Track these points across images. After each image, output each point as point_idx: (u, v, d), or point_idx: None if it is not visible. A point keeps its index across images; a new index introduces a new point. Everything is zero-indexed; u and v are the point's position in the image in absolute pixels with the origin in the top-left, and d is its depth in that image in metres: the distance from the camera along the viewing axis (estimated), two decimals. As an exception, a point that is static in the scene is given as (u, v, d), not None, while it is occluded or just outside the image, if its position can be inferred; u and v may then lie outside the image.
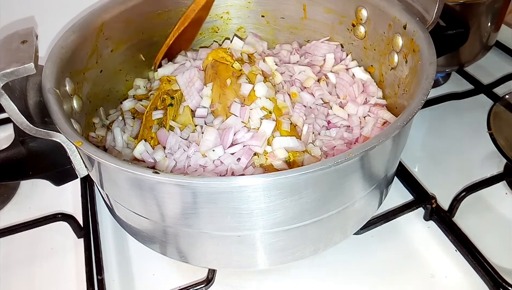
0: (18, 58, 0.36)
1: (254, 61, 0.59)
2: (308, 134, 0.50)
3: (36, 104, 0.41)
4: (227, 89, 0.53)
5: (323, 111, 0.55)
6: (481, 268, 0.49)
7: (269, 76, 0.56)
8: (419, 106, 0.40)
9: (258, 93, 0.52)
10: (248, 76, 0.54)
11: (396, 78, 0.53)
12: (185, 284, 0.50)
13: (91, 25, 0.53)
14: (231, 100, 0.51)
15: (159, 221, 0.42)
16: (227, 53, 0.56)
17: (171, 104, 0.53)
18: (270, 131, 0.48)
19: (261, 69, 0.56)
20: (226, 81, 0.53)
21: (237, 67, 0.55)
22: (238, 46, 0.61)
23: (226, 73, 0.54)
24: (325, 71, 0.60)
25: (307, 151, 0.49)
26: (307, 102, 0.55)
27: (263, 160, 0.47)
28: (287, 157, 0.47)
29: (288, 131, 0.49)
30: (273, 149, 0.47)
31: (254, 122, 0.49)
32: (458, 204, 0.55)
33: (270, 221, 0.40)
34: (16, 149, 0.41)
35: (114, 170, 0.39)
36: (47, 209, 0.59)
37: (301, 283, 0.51)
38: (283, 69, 0.59)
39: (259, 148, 0.47)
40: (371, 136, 0.50)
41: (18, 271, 0.54)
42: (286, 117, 0.51)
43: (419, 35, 0.47)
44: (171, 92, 0.54)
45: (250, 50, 0.61)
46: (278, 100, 0.52)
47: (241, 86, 0.52)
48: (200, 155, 0.47)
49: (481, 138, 0.63)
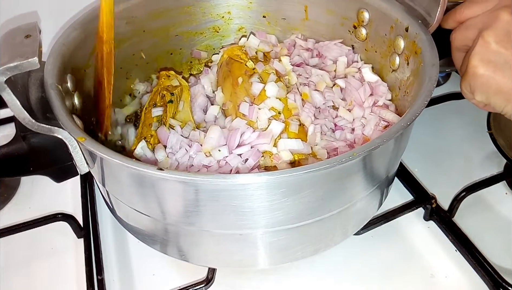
0: (21, 53, 0.36)
1: (269, 60, 0.58)
2: (314, 135, 0.50)
3: (37, 99, 0.41)
4: (238, 87, 0.52)
5: (332, 114, 0.55)
6: (481, 268, 0.49)
7: (283, 76, 0.56)
8: (422, 107, 0.40)
9: (269, 92, 0.51)
10: (261, 75, 0.54)
11: (398, 80, 0.54)
12: (185, 284, 0.49)
13: (93, 22, 0.52)
14: (241, 99, 0.51)
15: (160, 218, 0.42)
16: (242, 51, 0.56)
17: (171, 100, 0.52)
18: (278, 132, 0.48)
19: (275, 69, 0.56)
20: (238, 80, 0.53)
21: (251, 66, 0.55)
22: (254, 44, 0.61)
23: (239, 71, 0.54)
24: (337, 75, 0.59)
25: (313, 154, 0.49)
26: (316, 102, 0.54)
27: (268, 162, 0.47)
28: (292, 160, 0.47)
29: (296, 133, 0.49)
30: (278, 151, 0.47)
31: (262, 122, 0.49)
32: (458, 204, 0.55)
33: (272, 219, 0.40)
34: (18, 145, 0.41)
35: (117, 166, 0.39)
36: (47, 209, 0.59)
37: (301, 283, 0.51)
38: (300, 70, 0.58)
39: (267, 145, 0.47)
40: (372, 136, 0.50)
41: (18, 271, 0.53)
42: (295, 118, 0.51)
43: (421, 37, 0.48)
44: (170, 88, 0.54)
45: (266, 48, 0.60)
46: (289, 100, 0.52)
47: (252, 85, 0.52)
48: (203, 155, 0.47)
49: (481, 138, 0.63)
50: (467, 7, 0.43)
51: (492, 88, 0.40)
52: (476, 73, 0.41)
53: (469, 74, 0.41)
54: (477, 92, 0.42)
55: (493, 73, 0.40)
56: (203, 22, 0.65)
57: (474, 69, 0.41)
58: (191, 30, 0.65)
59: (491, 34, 0.39)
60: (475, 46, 0.40)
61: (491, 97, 0.41)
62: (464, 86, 0.43)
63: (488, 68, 0.40)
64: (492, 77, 0.40)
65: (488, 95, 0.41)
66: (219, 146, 0.47)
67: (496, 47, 0.39)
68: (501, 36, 0.39)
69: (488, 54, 0.40)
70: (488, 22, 0.40)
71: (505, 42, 0.39)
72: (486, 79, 0.40)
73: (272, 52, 0.61)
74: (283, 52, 0.62)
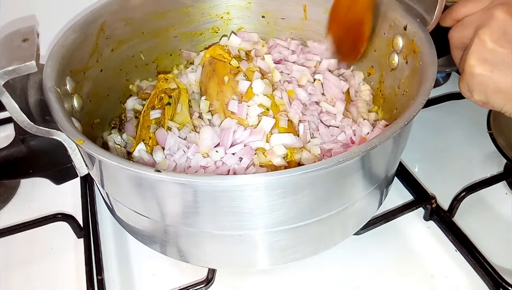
0: (19, 56, 0.36)
1: (251, 58, 0.59)
2: (305, 133, 0.50)
3: (36, 102, 0.41)
4: (224, 86, 0.53)
5: (317, 109, 0.55)
6: (481, 268, 0.49)
7: (266, 74, 0.57)
8: (420, 106, 0.40)
9: (256, 90, 0.52)
10: (245, 73, 0.54)
11: (397, 79, 0.54)
12: (185, 284, 0.50)
13: (92, 24, 0.53)
14: (228, 98, 0.51)
15: (160, 220, 0.42)
16: (224, 50, 0.56)
17: (169, 103, 0.52)
18: (269, 127, 0.48)
19: (259, 67, 0.56)
20: (224, 78, 0.53)
21: (235, 64, 0.55)
22: (235, 43, 0.61)
23: (224, 70, 0.54)
24: (317, 70, 0.60)
25: (305, 148, 0.49)
26: (301, 99, 0.55)
27: (262, 158, 0.47)
28: (285, 154, 0.47)
29: (286, 128, 0.50)
30: (271, 146, 0.48)
31: (252, 119, 0.50)
32: (458, 204, 0.55)
33: (271, 220, 0.40)
34: (17, 148, 0.41)
35: (115, 168, 0.39)
36: (47, 209, 0.59)
37: (301, 283, 0.51)
38: (281, 67, 0.59)
39: (260, 142, 0.47)
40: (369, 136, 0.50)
41: (18, 271, 0.53)
42: (283, 114, 0.51)
43: (419, 36, 0.48)
44: (168, 91, 0.54)
45: (247, 47, 0.61)
46: (275, 97, 0.53)
47: (239, 83, 0.52)
48: (201, 156, 0.47)
49: (481, 138, 0.63)
50: (463, 4, 0.43)
51: (490, 87, 0.40)
52: (473, 72, 0.40)
53: (466, 74, 0.41)
54: (475, 91, 0.42)
55: (490, 72, 0.39)
56: (202, 22, 0.65)
57: (471, 69, 0.40)
58: (190, 31, 0.65)
59: (486, 32, 0.39)
60: (471, 45, 0.40)
61: (489, 96, 0.41)
62: (462, 85, 0.43)
63: (485, 67, 0.40)
64: (490, 76, 0.40)
65: (486, 94, 0.41)
66: (215, 147, 0.47)
67: (492, 46, 0.39)
68: (497, 35, 0.39)
69: (485, 53, 0.39)
70: (484, 21, 0.40)
71: (501, 40, 0.39)
72: (483, 78, 0.40)
73: (252, 50, 0.61)
74: (263, 50, 0.62)
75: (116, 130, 0.56)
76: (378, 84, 0.58)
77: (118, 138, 0.54)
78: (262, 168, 0.46)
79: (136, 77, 0.62)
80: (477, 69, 0.40)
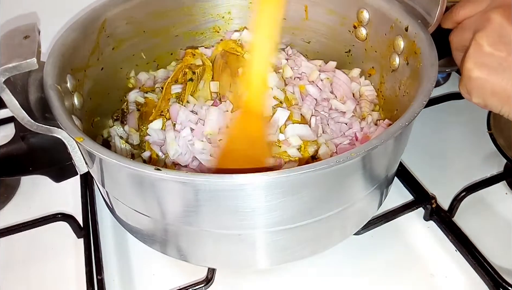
0: (20, 53, 0.36)
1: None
2: (317, 126, 0.51)
3: (37, 100, 0.41)
4: (238, 78, 0.53)
5: (327, 106, 0.56)
6: (481, 268, 0.49)
7: (278, 69, 0.57)
8: (421, 107, 0.40)
9: (270, 82, 0.52)
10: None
11: (397, 80, 0.54)
12: (185, 283, 0.49)
13: (93, 23, 0.53)
14: (242, 89, 0.52)
15: (160, 218, 0.42)
16: (237, 44, 0.56)
17: (191, 79, 0.53)
18: (284, 119, 0.48)
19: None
20: (238, 70, 0.53)
21: (248, 58, 0.55)
22: (248, 38, 0.61)
23: (237, 63, 0.55)
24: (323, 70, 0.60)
25: (317, 143, 0.49)
26: (312, 94, 0.55)
27: (276, 149, 0.47)
28: (300, 145, 0.48)
29: (299, 121, 0.50)
30: (287, 136, 0.48)
31: (267, 110, 0.50)
32: (458, 204, 0.55)
33: (271, 220, 0.40)
34: (17, 145, 0.41)
35: (115, 166, 0.39)
36: (47, 209, 0.59)
37: (301, 283, 0.51)
38: (290, 63, 0.59)
39: (273, 135, 0.47)
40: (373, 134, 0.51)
41: (18, 271, 0.53)
42: (296, 107, 0.52)
43: (420, 37, 0.48)
44: (193, 67, 0.54)
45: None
46: (287, 91, 0.53)
47: None
48: (200, 145, 0.47)
49: (481, 138, 0.63)
50: (462, 7, 0.43)
51: (487, 90, 0.40)
52: (471, 76, 0.41)
53: (464, 77, 0.42)
54: (473, 94, 0.42)
55: (487, 76, 0.40)
56: (203, 22, 0.65)
57: (469, 72, 0.41)
58: (192, 30, 0.65)
59: (483, 36, 0.39)
60: (469, 49, 0.40)
61: (487, 99, 0.41)
62: (461, 88, 0.43)
63: (482, 71, 0.40)
64: (487, 80, 0.40)
65: (484, 98, 0.41)
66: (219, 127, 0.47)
67: (489, 50, 0.39)
68: (494, 39, 0.39)
69: (482, 57, 0.39)
70: (481, 24, 0.40)
71: (498, 44, 0.39)
72: (481, 82, 0.40)
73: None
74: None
75: (118, 122, 0.56)
76: (378, 85, 0.58)
77: (120, 130, 0.54)
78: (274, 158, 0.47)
79: (141, 72, 0.62)
80: (474, 73, 0.40)
